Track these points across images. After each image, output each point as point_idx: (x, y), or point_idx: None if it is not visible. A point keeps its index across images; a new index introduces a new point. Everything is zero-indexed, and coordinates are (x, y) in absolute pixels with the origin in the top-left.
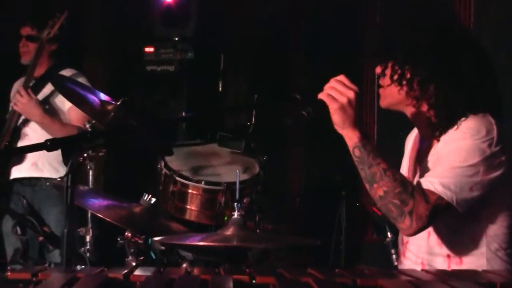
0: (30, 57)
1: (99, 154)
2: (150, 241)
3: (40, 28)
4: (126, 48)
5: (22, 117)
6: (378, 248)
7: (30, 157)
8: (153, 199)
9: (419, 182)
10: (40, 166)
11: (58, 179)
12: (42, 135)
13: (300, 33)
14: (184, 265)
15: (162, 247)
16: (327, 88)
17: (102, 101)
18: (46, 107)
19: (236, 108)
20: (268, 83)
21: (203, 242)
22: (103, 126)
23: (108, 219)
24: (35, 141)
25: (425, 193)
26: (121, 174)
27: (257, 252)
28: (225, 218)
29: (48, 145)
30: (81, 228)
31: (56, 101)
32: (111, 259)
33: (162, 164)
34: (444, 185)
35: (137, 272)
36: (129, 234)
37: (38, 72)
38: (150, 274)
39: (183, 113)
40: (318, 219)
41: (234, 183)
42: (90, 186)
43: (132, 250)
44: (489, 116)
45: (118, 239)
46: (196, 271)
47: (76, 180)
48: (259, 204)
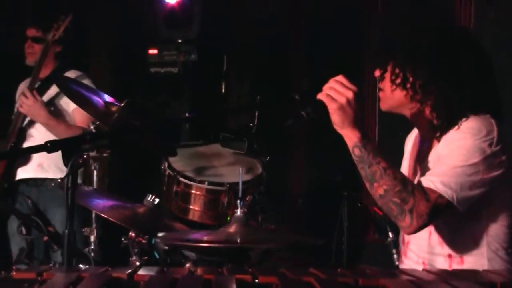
0: (36, 58)
1: (104, 155)
2: (153, 241)
3: (46, 29)
4: (130, 50)
5: (28, 118)
6: (380, 248)
7: (36, 158)
8: (157, 200)
9: (419, 181)
10: (45, 167)
11: (59, 180)
12: (47, 136)
13: (302, 35)
14: (188, 265)
15: (166, 247)
16: (326, 88)
17: (106, 103)
18: (51, 108)
19: (238, 109)
20: (271, 85)
21: (206, 239)
22: (107, 127)
23: (112, 219)
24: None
25: (425, 192)
26: (125, 174)
27: (259, 252)
28: (228, 218)
29: (48, 146)
30: (85, 228)
31: (61, 103)
32: (115, 259)
33: (166, 165)
34: (444, 184)
35: (141, 272)
36: (133, 234)
37: (43, 73)
38: (153, 273)
39: (186, 114)
40: (320, 219)
41: (237, 183)
42: (94, 187)
43: (136, 250)
44: (490, 117)
45: (122, 239)
46: (199, 271)
47: (76, 181)
48: (261, 204)
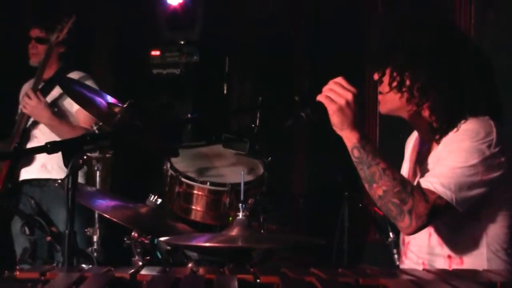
0: (39, 58)
1: (106, 155)
2: (156, 241)
3: (49, 30)
4: (133, 52)
5: (31, 119)
6: (380, 248)
7: (39, 159)
8: (159, 200)
9: (419, 182)
10: (49, 167)
11: (59, 181)
12: (51, 137)
13: (304, 36)
14: (190, 264)
15: (168, 247)
16: (325, 90)
17: (109, 104)
18: (54, 109)
19: (240, 110)
20: (272, 86)
21: (208, 243)
22: (110, 128)
23: (115, 220)
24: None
25: (424, 193)
26: (128, 175)
27: (261, 252)
28: (230, 218)
29: (49, 147)
30: (88, 228)
31: (64, 103)
32: (118, 259)
33: (168, 166)
34: (444, 185)
35: (143, 272)
36: (135, 234)
37: (47, 74)
38: (156, 273)
39: (189, 115)
40: (321, 220)
41: (239, 184)
42: (97, 187)
43: (138, 250)
44: (489, 119)
45: (125, 239)
46: (201, 270)
47: (77, 181)
48: (263, 205)
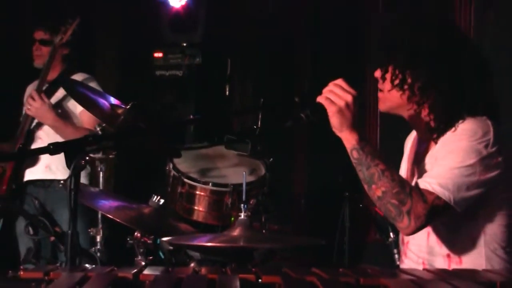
0: (43, 60)
1: (110, 156)
2: (158, 241)
3: (53, 32)
4: (136, 54)
5: (36, 120)
6: (381, 248)
7: (44, 160)
8: (162, 200)
9: (417, 183)
10: (53, 168)
11: (62, 182)
12: (55, 138)
13: (305, 38)
14: (192, 264)
15: (171, 247)
16: (325, 91)
17: (112, 105)
18: (58, 111)
19: (241, 111)
20: (274, 87)
21: (210, 243)
22: (113, 129)
23: (118, 220)
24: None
25: (423, 193)
26: (131, 176)
27: (263, 252)
28: (232, 219)
29: (51, 148)
30: (91, 229)
31: (68, 105)
32: (121, 259)
33: (171, 166)
34: (442, 185)
35: (146, 272)
36: (138, 235)
37: (51, 76)
38: (159, 273)
39: (191, 116)
40: (322, 220)
41: (241, 184)
42: (100, 188)
43: (141, 250)
44: (486, 118)
45: (128, 239)
46: (203, 270)
47: (79, 182)
48: (265, 205)
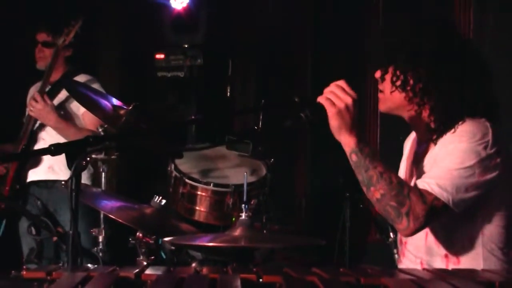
0: (46, 62)
1: (112, 157)
2: (160, 241)
3: (56, 34)
4: (138, 55)
5: (39, 121)
6: (381, 248)
7: (47, 160)
8: (163, 201)
9: (416, 184)
10: (56, 169)
11: (63, 182)
12: (58, 139)
13: (306, 38)
14: (194, 264)
15: (172, 247)
16: (326, 92)
17: (114, 106)
18: (61, 112)
19: (243, 112)
20: (275, 88)
21: (212, 242)
22: (115, 130)
23: (120, 220)
24: None
25: (421, 194)
26: (133, 176)
27: (264, 252)
28: (233, 219)
29: (52, 149)
30: (94, 229)
31: (71, 106)
32: (123, 259)
33: (172, 167)
34: (440, 186)
35: (148, 271)
36: (140, 235)
37: (53, 77)
38: (160, 273)
39: (193, 117)
40: (322, 220)
41: (242, 185)
42: (102, 188)
43: (143, 250)
44: (485, 120)
45: (130, 239)
46: (205, 270)
47: (80, 183)
48: (266, 205)
